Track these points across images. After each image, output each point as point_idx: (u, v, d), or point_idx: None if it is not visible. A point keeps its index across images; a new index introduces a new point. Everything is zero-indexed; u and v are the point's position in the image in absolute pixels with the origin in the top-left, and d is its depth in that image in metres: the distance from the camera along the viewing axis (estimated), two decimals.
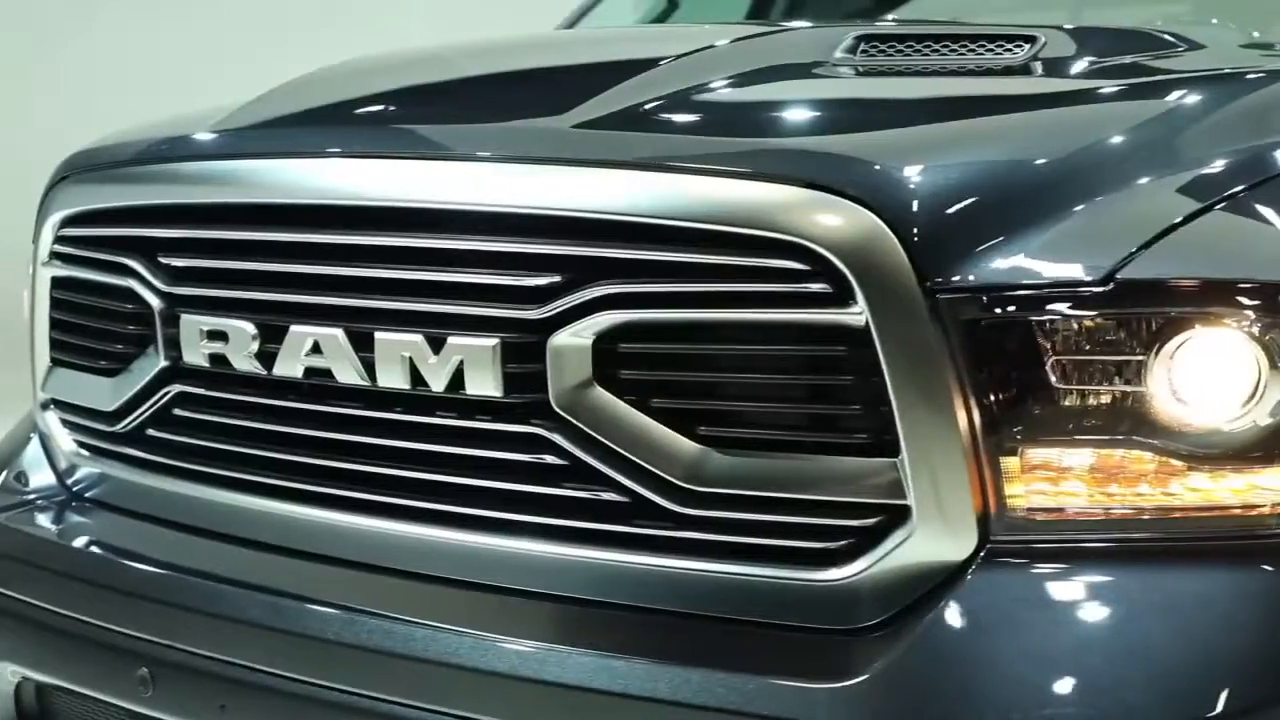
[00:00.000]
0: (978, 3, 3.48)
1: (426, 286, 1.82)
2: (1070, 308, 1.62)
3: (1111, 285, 1.61)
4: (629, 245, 1.72)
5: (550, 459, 1.78)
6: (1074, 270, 1.63)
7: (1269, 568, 1.64)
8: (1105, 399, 1.64)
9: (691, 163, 1.74)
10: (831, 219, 1.64)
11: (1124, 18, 3.42)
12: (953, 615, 1.62)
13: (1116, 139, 1.84)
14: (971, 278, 1.62)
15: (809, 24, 3.41)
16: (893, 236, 1.62)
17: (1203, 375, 1.62)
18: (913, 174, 1.69)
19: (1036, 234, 1.66)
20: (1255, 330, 1.62)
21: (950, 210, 1.66)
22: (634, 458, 1.73)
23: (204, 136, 2.15)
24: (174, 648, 1.96)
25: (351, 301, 1.86)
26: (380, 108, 2.24)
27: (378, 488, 1.90)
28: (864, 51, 2.20)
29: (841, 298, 1.63)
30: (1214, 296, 1.62)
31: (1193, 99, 2.02)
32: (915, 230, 1.62)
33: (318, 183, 1.94)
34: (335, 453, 1.93)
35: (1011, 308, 1.62)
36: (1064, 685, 1.58)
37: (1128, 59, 2.24)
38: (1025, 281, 1.62)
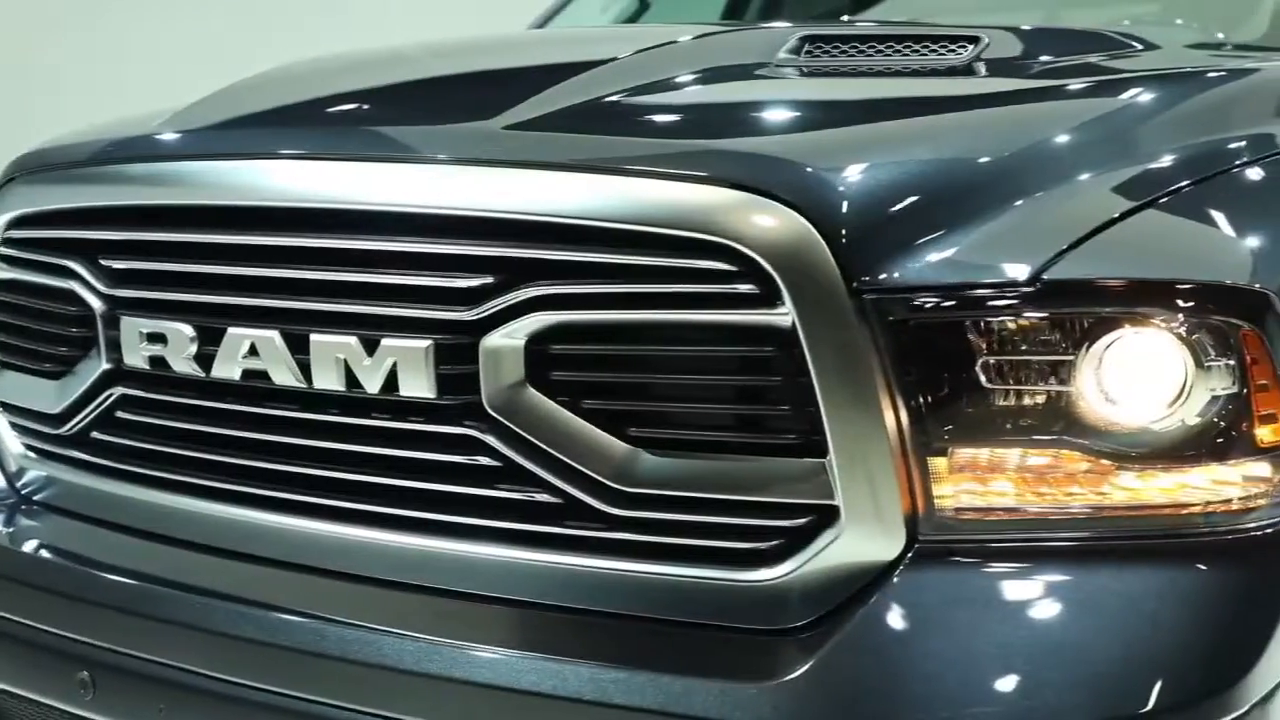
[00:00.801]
0: (948, 3, 3.48)
1: (360, 288, 1.82)
2: (997, 308, 1.62)
3: (1038, 285, 1.61)
4: (559, 247, 1.72)
5: (483, 460, 1.78)
6: (1000, 271, 1.62)
7: (1200, 566, 1.64)
8: (1034, 399, 1.64)
9: (621, 164, 1.74)
10: (758, 220, 1.64)
11: (1097, 19, 3.41)
12: (880, 615, 1.62)
13: (1050, 139, 1.84)
14: (898, 278, 1.61)
15: (762, 25, 3.40)
16: (819, 238, 1.62)
17: (1130, 375, 1.62)
18: (840, 176, 1.69)
19: (965, 235, 1.66)
20: (1182, 330, 1.62)
21: (878, 212, 1.66)
22: (566, 459, 1.73)
23: (144, 138, 2.14)
24: (114, 651, 1.96)
25: (287, 303, 1.86)
26: (321, 110, 2.23)
27: (314, 489, 1.90)
28: (808, 52, 2.19)
29: (769, 298, 1.63)
30: (1140, 297, 1.62)
31: (1130, 100, 2.02)
32: (842, 231, 1.62)
33: (253, 184, 1.94)
34: (273, 455, 1.93)
35: (938, 308, 1.62)
36: (993, 684, 1.57)
37: (1072, 60, 2.24)
38: (952, 282, 1.62)
